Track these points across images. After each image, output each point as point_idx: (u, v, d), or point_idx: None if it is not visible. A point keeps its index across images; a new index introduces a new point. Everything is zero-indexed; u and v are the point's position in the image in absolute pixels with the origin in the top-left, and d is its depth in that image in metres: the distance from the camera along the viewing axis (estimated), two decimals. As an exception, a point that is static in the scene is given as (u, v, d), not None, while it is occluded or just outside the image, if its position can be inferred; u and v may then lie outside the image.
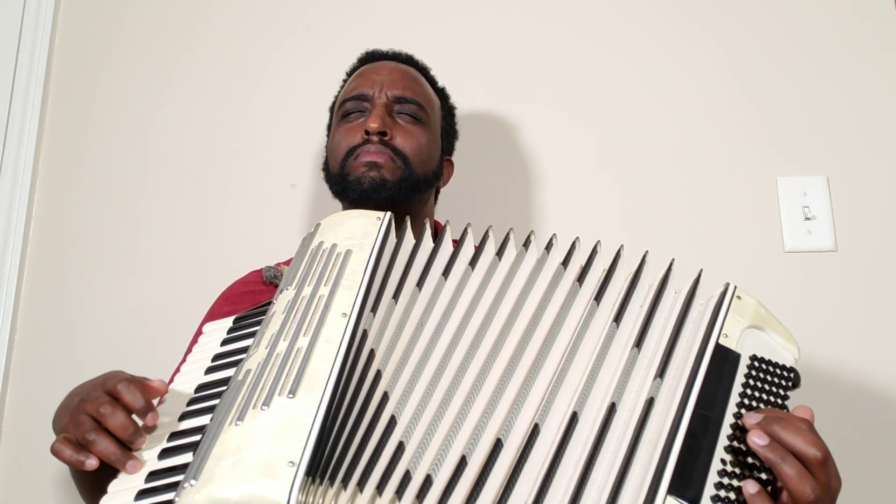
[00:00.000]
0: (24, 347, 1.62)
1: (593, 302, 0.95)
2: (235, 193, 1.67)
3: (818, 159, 1.59)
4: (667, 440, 0.81)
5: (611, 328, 0.92)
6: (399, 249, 0.99)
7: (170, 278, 1.63)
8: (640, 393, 0.87)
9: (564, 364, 0.89)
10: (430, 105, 1.35)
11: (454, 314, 0.93)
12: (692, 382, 0.85)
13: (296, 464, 0.76)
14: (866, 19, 1.64)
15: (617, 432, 0.84)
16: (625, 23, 1.69)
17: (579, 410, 0.85)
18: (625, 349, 0.91)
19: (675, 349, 0.90)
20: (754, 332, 0.93)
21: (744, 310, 0.93)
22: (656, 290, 0.95)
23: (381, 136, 1.28)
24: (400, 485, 0.78)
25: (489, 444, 0.82)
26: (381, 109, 1.30)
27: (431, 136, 1.33)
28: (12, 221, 1.66)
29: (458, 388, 0.86)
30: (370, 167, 1.26)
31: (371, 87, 1.33)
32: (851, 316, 1.51)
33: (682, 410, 0.83)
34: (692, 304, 0.94)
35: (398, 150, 1.28)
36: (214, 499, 0.75)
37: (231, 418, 0.82)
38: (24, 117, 1.71)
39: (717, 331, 0.90)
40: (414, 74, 1.38)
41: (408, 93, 1.32)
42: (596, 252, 0.99)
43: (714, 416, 0.84)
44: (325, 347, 0.86)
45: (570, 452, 0.82)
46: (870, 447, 1.44)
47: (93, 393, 0.89)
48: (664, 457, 0.80)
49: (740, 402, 0.87)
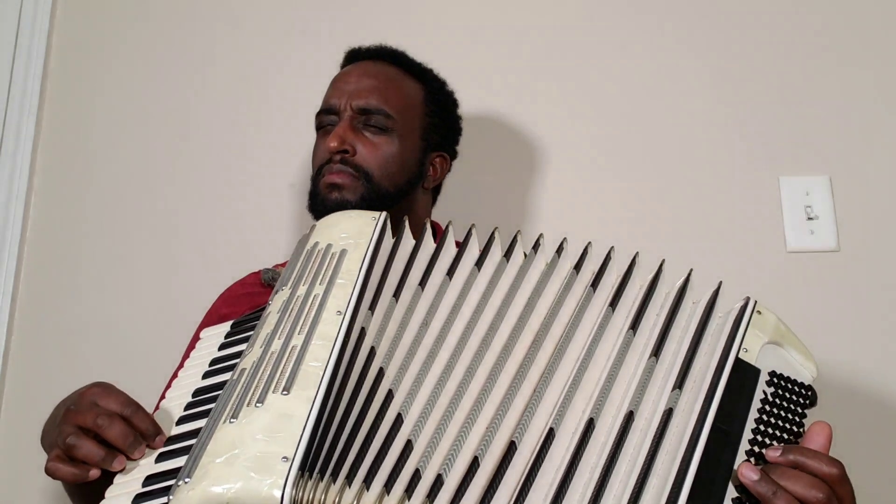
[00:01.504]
0: (21, 348, 1.62)
1: (608, 308, 0.94)
2: (234, 193, 1.67)
3: (821, 159, 1.59)
4: (686, 452, 0.80)
5: (627, 335, 0.91)
6: (397, 249, 0.99)
7: (168, 278, 1.63)
8: (658, 403, 0.86)
9: (580, 368, 0.88)
10: (401, 109, 1.32)
11: (461, 314, 0.93)
12: (712, 395, 0.84)
13: (289, 459, 0.76)
14: (870, 18, 1.64)
15: (634, 441, 0.83)
16: (625, 22, 1.69)
17: (596, 416, 0.84)
18: (642, 357, 0.90)
19: (694, 361, 0.89)
20: (773, 348, 0.92)
21: (764, 325, 0.92)
22: (674, 299, 0.94)
23: (343, 153, 1.28)
24: (409, 483, 0.78)
25: (503, 445, 0.81)
26: (344, 124, 1.29)
27: (403, 143, 1.31)
28: (9, 221, 1.66)
29: (468, 387, 0.86)
30: (331, 188, 1.27)
31: (339, 97, 1.32)
32: (854, 316, 1.51)
33: (702, 423, 0.82)
34: (711, 316, 0.93)
35: (360, 167, 1.27)
36: (208, 495, 0.75)
37: (225, 416, 0.82)
38: (21, 117, 1.71)
39: (737, 345, 0.89)
40: (385, 77, 1.34)
41: (373, 102, 1.30)
42: (610, 258, 0.98)
43: (733, 431, 0.83)
44: (319, 345, 0.86)
45: (586, 459, 0.81)
46: (870, 447, 1.44)
47: (81, 404, 0.88)
48: (683, 469, 0.79)
49: (759, 419, 0.86)
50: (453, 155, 1.43)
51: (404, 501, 0.77)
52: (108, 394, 0.89)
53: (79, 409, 0.87)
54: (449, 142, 1.42)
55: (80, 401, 0.89)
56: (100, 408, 0.86)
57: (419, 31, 1.70)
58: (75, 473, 0.84)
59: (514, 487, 0.79)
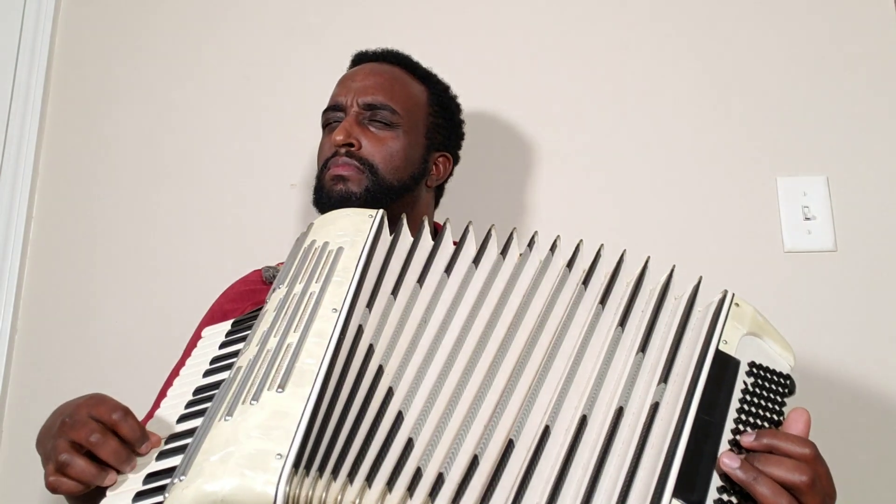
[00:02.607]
0: (24, 347, 1.63)
1: (598, 305, 0.95)
2: (235, 193, 1.67)
3: (818, 159, 1.58)
4: (671, 443, 0.81)
5: (616, 332, 0.92)
6: (395, 247, 0.99)
7: (169, 277, 1.64)
8: (645, 397, 0.87)
9: (572, 366, 0.89)
10: (407, 106, 1.33)
11: (459, 311, 0.93)
12: (694, 387, 0.86)
13: (283, 456, 0.76)
14: (866, 19, 1.64)
15: (624, 436, 0.84)
16: (623, 22, 1.69)
17: (588, 413, 0.85)
18: (630, 353, 0.91)
19: (677, 354, 0.90)
20: (752, 339, 0.94)
21: (742, 317, 0.94)
22: (658, 295, 0.96)
23: (349, 147, 1.28)
24: (411, 481, 0.78)
25: (501, 444, 0.82)
26: (350, 119, 1.30)
27: (408, 139, 1.32)
28: (12, 222, 1.67)
29: (467, 385, 0.86)
30: (336, 180, 1.27)
31: (346, 94, 1.33)
32: (851, 316, 1.50)
33: (685, 415, 0.84)
34: (693, 310, 0.95)
35: (365, 160, 1.28)
36: (203, 493, 0.75)
37: (221, 414, 0.82)
38: (25, 118, 1.72)
39: (716, 337, 0.91)
40: (391, 76, 1.36)
41: (379, 98, 1.31)
42: (600, 256, 0.99)
43: (716, 421, 0.85)
44: (315, 342, 0.86)
45: (580, 455, 0.82)
46: (869, 447, 1.44)
47: (76, 417, 0.87)
48: (668, 460, 0.80)
49: (740, 408, 0.87)
50: (456, 157, 1.44)
51: (406, 500, 0.77)
52: (102, 403, 0.89)
53: (73, 422, 0.87)
54: (452, 143, 1.42)
55: (75, 414, 0.88)
56: (94, 423, 0.86)
57: (418, 31, 1.71)
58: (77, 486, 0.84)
59: (512, 485, 0.79)
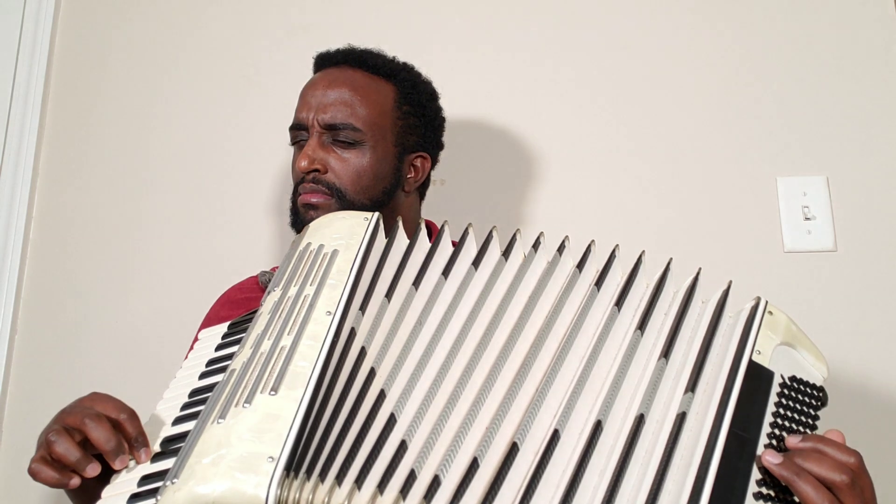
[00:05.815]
0: (24, 348, 1.63)
1: (614, 307, 0.92)
2: (235, 194, 1.67)
3: (818, 159, 1.58)
4: (703, 459, 0.78)
5: (635, 335, 0.90)
6: (390, 249, 0.98)
7: (168, 279, 1.64)
8: (669, 406, 0.84)
9: (585, 369, 0.87)
10: (370, 119, 1.28)
11: (458, 313, 0.92)
12: (727, 400, 0.82)
13: (275, 459, 0.76)
14: (866, 19, 1.63)
15: (646, 445, 0.81)
16: (623, 23, 1.68)
17: (603, 419, 0.83)
18: (650, 358, 0.88)
19: (706, 363, 0.87)
20: (786, 350, 0.90)
21: (776, 326, 0.90)
22: (683, 298, 0.93)
23: (315, 172, 1.26)
24: (404, 484, 0.77)
25: (504, 447, 0.80)
26: (313, 143, 1.27)
27: (375, 154, 1.27)
28: (12, 222, 1.67)
29: (466, 387, 0.85)
30: (307, 208, 1.26)
31: (307, 111, 1.29)
32: (851, 316, 1.50)
33: (718, 429, 0.80)
34: (722, 316, 0.91)
35: (332, 186, 1.25)
36: (194, 495, 0.75)
37: (213, 417, 0.82)
38: (24, 118, 1.72)
39: (749, 347, 0.87)
40: (352, 86, 1.29)
41: (339, 116, 1.26)
42: (615, 256, 0.97)
43: (750, 437, 0.82)
44: (308, 345, 0.86)
45: (594, 461, 0.80)
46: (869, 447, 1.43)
47: (74, 407, 0.88)
48: (701, 476, 0.77)
49: (774, 423, 0.84)
50: (436, 150, 1.38)
51: (399, 502, 0.76)
52: (106, 400, 0.89)
53: (71, 410, 0.88)
54: (428, 140, 1.36)
55: (76, 404, 0.89)
56: (91, 410, 0.87)
57: (417, 31, 1.70)
58: (56, 478, 0.84)
59: (518, 489, 0.78)
